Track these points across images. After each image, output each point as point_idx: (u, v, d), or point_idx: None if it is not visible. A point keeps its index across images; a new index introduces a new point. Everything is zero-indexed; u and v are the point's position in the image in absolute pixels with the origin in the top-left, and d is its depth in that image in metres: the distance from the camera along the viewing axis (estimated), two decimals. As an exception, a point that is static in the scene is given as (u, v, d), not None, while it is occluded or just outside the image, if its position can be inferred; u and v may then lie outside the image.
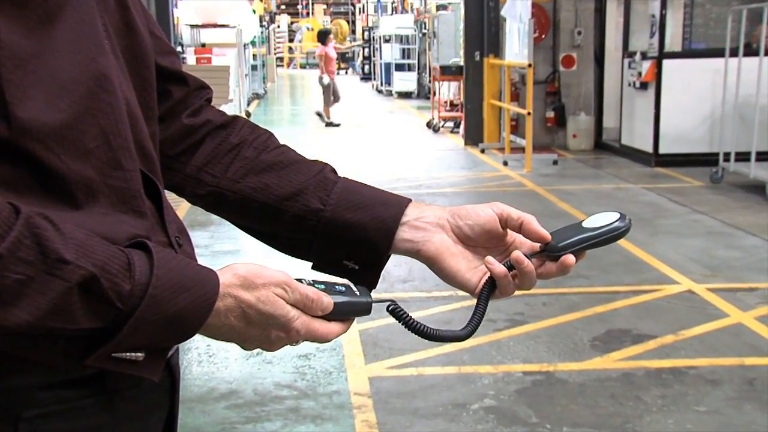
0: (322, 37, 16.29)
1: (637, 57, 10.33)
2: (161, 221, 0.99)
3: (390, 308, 1.03)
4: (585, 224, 1.06)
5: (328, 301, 0.96)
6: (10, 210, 0.78)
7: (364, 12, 34.56)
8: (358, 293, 1.01)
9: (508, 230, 1.09)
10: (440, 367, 4.11)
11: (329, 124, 15.29)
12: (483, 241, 1.10)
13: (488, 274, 1.07)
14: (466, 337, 1.06)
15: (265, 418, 3.61)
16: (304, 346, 4.20)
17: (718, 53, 9.27)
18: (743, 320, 4.71)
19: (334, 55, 16.47)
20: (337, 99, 15.72)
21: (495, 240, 1.10)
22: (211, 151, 1.13)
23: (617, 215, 1.05)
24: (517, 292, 1.08)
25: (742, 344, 4.37)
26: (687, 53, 10.26)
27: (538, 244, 1.07)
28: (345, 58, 37.17)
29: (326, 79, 15.57)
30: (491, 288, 1.07)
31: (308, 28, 41.48)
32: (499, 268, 1.05)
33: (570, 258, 1.05)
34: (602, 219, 1.05)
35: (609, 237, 1.04)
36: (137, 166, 0.94)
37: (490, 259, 1.06)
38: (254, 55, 21.95)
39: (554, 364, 4.13)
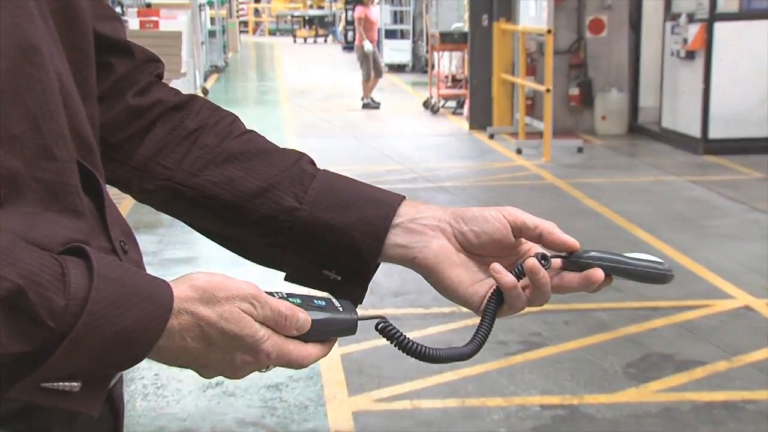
0: None
1: (683, 20, 10.34)
2: (102, 222, 0.99)
3: (379, 326, 1.04)
4: (623, 253, 1.12)
5: (304, 318, 0.97)
6: None
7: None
8: (341, 309, 1.02)
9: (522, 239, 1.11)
10: (440, 400, 4.12)
11: (366, 105, 15.25)
12: (490, 251, 1.10)
13: (496, 285, 1.08)
14: (470, 355, 1.07)
15: (226, 464, 3.62)
16: (275, 373, 4.20)
17: (783, 15, 9.31)
18: (810, 342, 4.74)
19: (377, 17, 16.23)
20: (379, 74, 15.55)
21: (506, 250, 1.11)
22: (162, 138, 1.14)
23: (661, 260, 1.12)
24: (532, 309, 1.09)
25: (808, 372, 4.39)
26: (744, 14, 10.25)
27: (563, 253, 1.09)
28: (324, 23, 37.25)
29: (368, 46, 15.44)
30: (498, 301, 1.08)
31: (278, -14, 41.41)
32: (508, 277, 1.06)
33: (599, 272, 1.06)
34: (643, 256, 1.11)
35: (646, 273, 1.09)
36: (73, 155, 0.94)
37: (496, 266, 1.07)
38: (212, 19, 21.92)
39: (579, 396, 4.15)
